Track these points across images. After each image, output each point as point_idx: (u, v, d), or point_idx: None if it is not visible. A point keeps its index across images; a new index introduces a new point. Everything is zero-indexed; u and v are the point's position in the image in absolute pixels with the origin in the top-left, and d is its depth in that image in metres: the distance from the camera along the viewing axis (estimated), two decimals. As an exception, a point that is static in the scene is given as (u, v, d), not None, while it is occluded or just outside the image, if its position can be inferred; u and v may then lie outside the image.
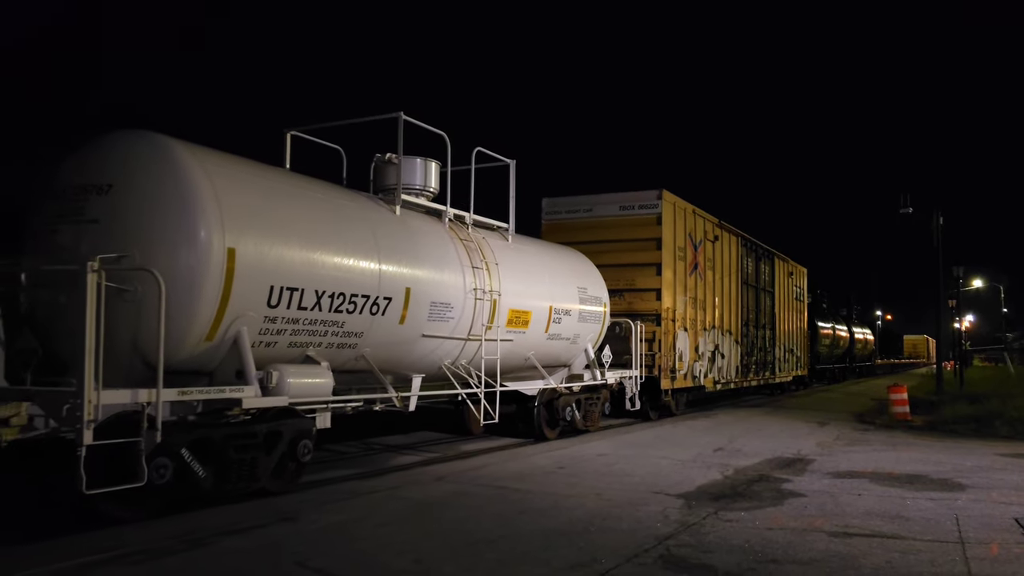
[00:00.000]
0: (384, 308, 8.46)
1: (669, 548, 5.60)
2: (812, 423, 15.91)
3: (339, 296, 7.84)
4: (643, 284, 15.88)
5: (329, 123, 9.97)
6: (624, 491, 7.71)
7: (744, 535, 6.02)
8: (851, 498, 7.61)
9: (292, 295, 7.31)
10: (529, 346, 11.43)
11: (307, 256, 7.51)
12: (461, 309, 9.67)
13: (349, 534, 5.85)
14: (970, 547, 5.80)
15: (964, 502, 7.51)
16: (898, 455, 10.92)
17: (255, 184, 7.41)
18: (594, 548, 5.55)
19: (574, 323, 12.43)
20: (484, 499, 7.20)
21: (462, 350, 9.95)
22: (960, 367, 33.48)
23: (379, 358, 8.65)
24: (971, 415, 16.19)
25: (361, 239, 8.30)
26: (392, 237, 8.79)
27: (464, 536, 5.85)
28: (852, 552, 5.59)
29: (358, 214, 8.59)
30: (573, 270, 12.90)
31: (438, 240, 9.65)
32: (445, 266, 9.50)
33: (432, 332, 9.28)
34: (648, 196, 16.18)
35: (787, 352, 26.16)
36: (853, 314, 47.23)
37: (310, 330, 7.64)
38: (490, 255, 10.47)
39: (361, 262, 8.17)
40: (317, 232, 7.76)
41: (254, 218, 7.04)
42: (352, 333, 8.16)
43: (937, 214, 24.76)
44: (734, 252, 20.51)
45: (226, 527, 5.92)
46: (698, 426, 14.61)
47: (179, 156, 6.71)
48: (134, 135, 6.79)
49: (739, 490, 7.97)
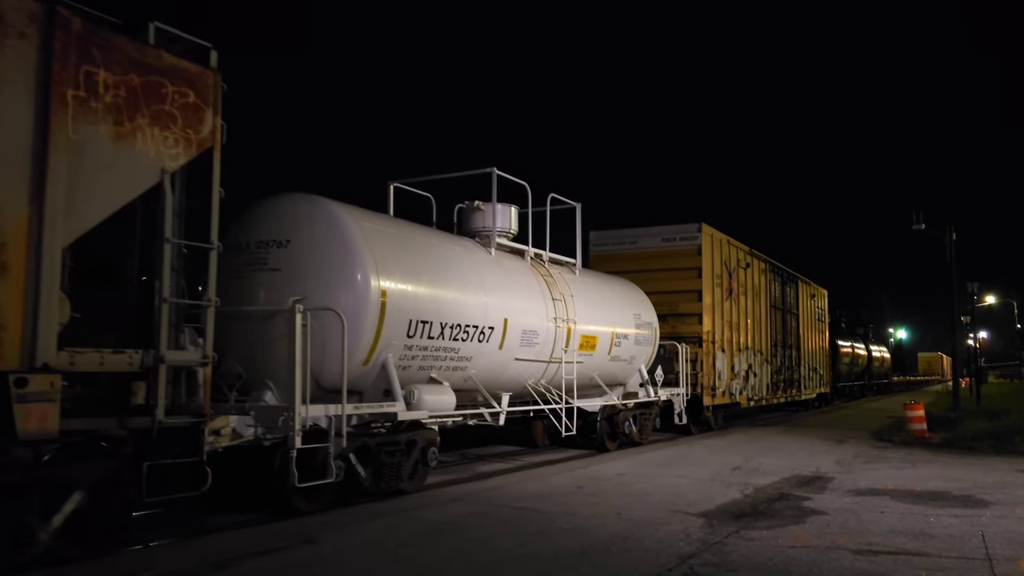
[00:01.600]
0: (488, 336, 9.96)
1: (692, 567, 5.52)
2: (829, 440, 15.77)
3: (456, 327, 9.35)
4: (685, 309, 17.32)
5: (428, 177, 11.54)
6: (644, 510, 7.64)
7: (767, 553, 5.95)
8: (874, 515, 7.52)
9: (424, 327, 8.82)
10: (595, 367, 12.89)
11: (434, 294, 9.03)
12: (544, 335, 11.16)
13: (370, 555, 5.87)
14: (997, 564, 5.72)
15: (989, 519, 7.41)
16: (918, 472, 10.86)
17: (392, 235, 8.97)
18: (616, 568, 5.50)
19: (631, 346, 13.90)
20: (503, 520, 7.16)
21: (544, 371, 11.43)
22: (977, 383, 33.67)
23: (482, 379, 10.13)
24: (989, 431, 15.92)
25: (470, 279, 9.82)
26: (492, 276, 10.32)
27: (485, 556, 5.81)
28: (878, 570, 5.52)
29: (466, 256, 10.13)
30: (628, 298, 14.39)
31: (525, 276, 11.17)
32: (531, 298, 11.01)
33: (523, 356, 10.77)
34: (689, 229, 17.68)
35: (811, 370, 27.49)
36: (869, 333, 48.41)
37: (434, 355, 9.15)
38: (564, 288, 11.98)
39: (471, 298, 9.68)
40: (439, 273, 9.29)
41: (396, 264, 8.57)
42: (464, 357, 9.66)
43: (950, 230, 24.43)
44: (763, 277, 21.95)
45: (248, 550, 5.91)
46: (714, 445, 14.59)
47: (340, 215, 8.26)
48: (303, 198, 8.35)
49: (760, 508, 7.89)
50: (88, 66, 5.33)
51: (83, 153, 5.27)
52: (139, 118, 5.63)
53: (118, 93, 5.50)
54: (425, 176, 11.72)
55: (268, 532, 6.54)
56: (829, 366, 31.20)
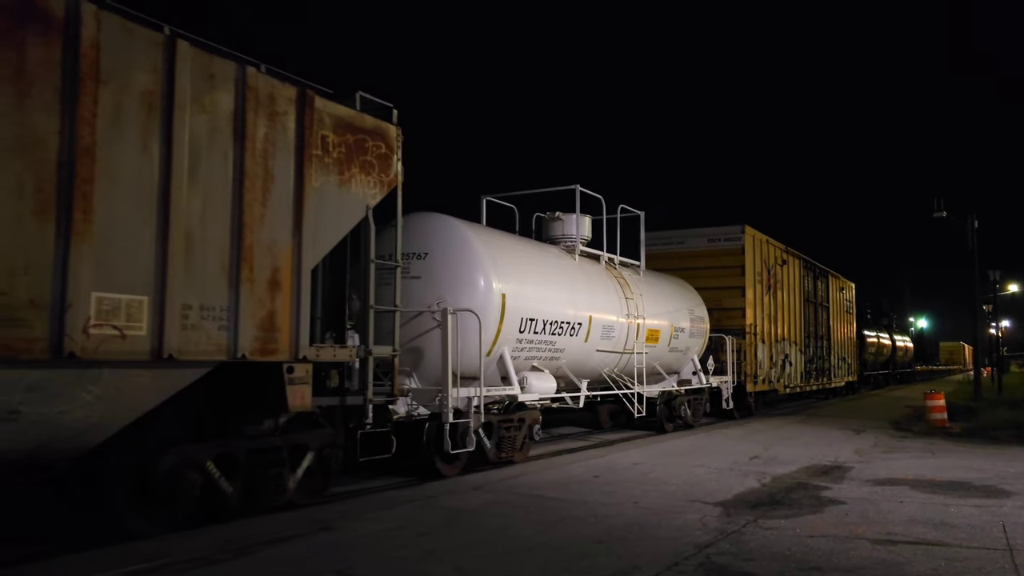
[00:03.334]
0: (577, 331, 11.67)
1: (709, 556, 5.53)
2: (848, 430, 15.68)
3: (554, 323, 11.06)
4: (729, 304, 18.94)
5: (516, 192, 13.23)
6: (661, 499, 7.69)
7: (785, 543, 5.93)
8: (893, 505, 7.51)
9: (531, 323, 10.54)
10: (657, 357, 14.58)
11: (538, 295, 10.75)
12: (619, 330, 12.85)
13: (389, 543, 5.89)
14: (1019, 554, 5.69)
15: (1010, 509, 7.38)
16: (938, 462, 10.85)
17: (505, 246, 10.69)
18: (634, 556, 5.52)
19: (686, 338, 15.58)
20: (522, 508, 7.22)
21: (618, 361, 13.13)
22: (998, 373, 33.42)
23: (571, 367, 11.85)
24: (1011, 421, 15.81)
25: (563, 281, 11.53)
26: (578, 279, 12.02)
27: (504, 545, 5.84)
28: (897, 559, 5.50)
29: (557, 262, 11.84)
30: (683, 295, 16.05)
31: (602, 279, 12.86)
32: (609, 298, 12.70)
33: (602, 348, 12.48)
34: (732, 230, 19.29)
35: (840, 360, 29.02)
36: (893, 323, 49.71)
37: (537, 347, 10.87)
38: (633, 287, 13.65)
39: (565, 298, 11.39)
40: (540, 278, 11.01)
41: (510, 271, 10.29)
42: (559, 349, 11.38)
43: (972, 218, 24.39)
44: (797, 273, 23.50)
45: (267, 536, 5.97)
46: (733, 434, 14.55)
47: (468, 232, 9.99)
48: (438, 217, 10.07)
49: (777, 498, 7.88)
50: (323, 131, 7.06)
51: (321, 197, 7.01)
52: (353, 168, 7.37)
53: (340, 150, 7.23)
54: (511, 191, 13.41)
55: (287, 519, 6.62)
56: (856, 355, 32.69)
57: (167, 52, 5.77)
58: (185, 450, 6.30)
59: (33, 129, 4.97)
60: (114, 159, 5.40)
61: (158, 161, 5.70)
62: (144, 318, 5.54)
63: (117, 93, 5.45)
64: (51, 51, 5.09)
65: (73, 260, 5.11)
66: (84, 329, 5.16)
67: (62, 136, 5.10)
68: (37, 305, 4.94)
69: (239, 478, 6.69)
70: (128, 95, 5.53)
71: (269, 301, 6.46)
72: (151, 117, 5.67)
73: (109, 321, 5.32)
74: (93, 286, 5.23)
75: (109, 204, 5.35)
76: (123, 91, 5.49)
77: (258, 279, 6.38)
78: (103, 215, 5.31)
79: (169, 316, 5.68)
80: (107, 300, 5.32)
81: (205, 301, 5.97)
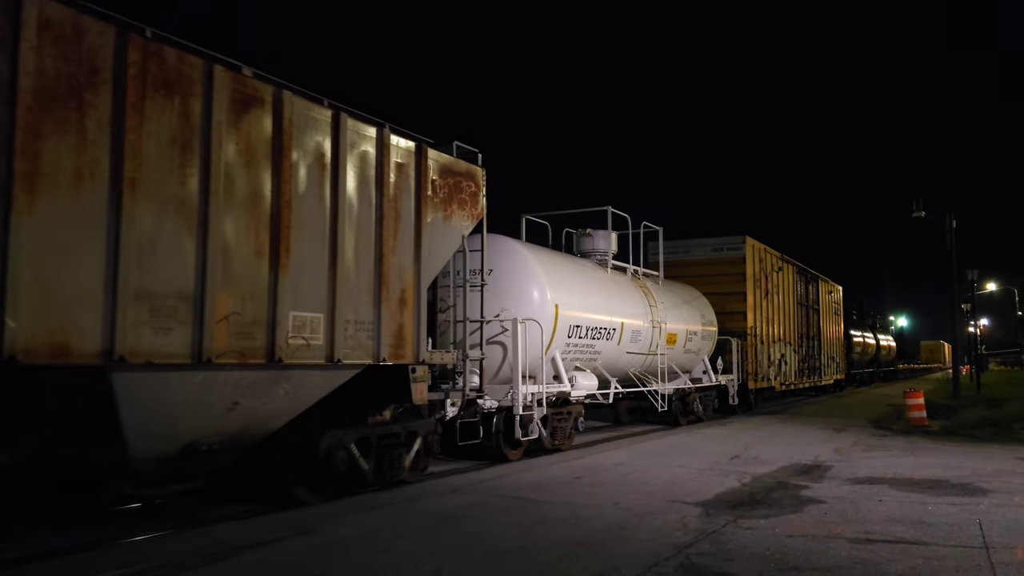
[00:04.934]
0: (612, 335, 13.35)
1: (689, 557, 5.56)
2: (829, 429, 15.85)
3: (594, 329, 12.74)
4: (732, 308, 20.69)
5: (552, 212, 14.89)
6: (642, 500, 7.70)
7: (764, 543, 5.99)
8: (871, 504, 7.54)
9: (577, 329, 12.21)
10: (674, 358, 16.29)
11: (582, 304, 12.42)
12: (645, 334, 14.55)
13: (367, 546, 5.87)
14: (995, 552, 5.72)
15: (987, 507, 7.44)
16: (917, 460, 10.89)
17: (554, 262, 12.36)
18: (614, 558, 5.53)
19: (699, 340, 17.32)
20: (502, 510, 7.20)
21: (643, 362, 14.83)
22: (977, 371, 34.51)
23: (606, 367, 13.53)
24: (989, 419, 15.96)
25: (600, 292, 13.22)
26: (611, 289, 13.71)
27: (483, 547, 5.84)
28: (875, 559, 5.54)
29: (594, 275, 13.53)
30: (695, 302, 17.80)
31: (631, 289, 14.56)
32: (636, 306, 14.40)
33: (632, 350, 14.17)
34: (734, 241, 21.07)
35: (829, 359, 30.93)
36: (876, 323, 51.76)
37: (581, 350, 12.54)
38: (655, 296, 15.36)
39: (601, 306, 13.07)
40: (582, 289, 12.68)
41: (560, 284, 11.95)
42: (597, 352, 13.06)
43: (950, 217, 24.61)
44: (791, 279, 25.33)
45: (245, 541, 5.94)
46: (713, 434, 14.68)
47: (526, 251, 11.64)
48: (500, 239, 11.69)
49: (757, 498, 7.90)
50: (432, 176, 8.70)
51: (432, 230, 8.64)
52: (453, 204, 9.01)
53: (444, 191, 8.87)
54: (547, 211, 15.07)
55: (265, 523, 6.68)
56: (844, 355, 34.64)
57: (334, 123, 7.39)
58: (335, 434, 7.90)
59: (258, 189, 6.58)
60: (302, 209, 7.03)
61: (328, 208, 7.33)
62: (321, 331, 7.16)
63: (303, 158, 7.07)
64: (264, 127, 6.71)
65: (279, 288, 6.73)
66: (285, 340, 6.78)
67: (272, 193, 6.72)
68: (259, 323, 6.56)
69: (371, 457, 8.31)
70: (309, 159, 7.15)
71: (399, 315, 8.10)
72: (324, 175, 7.29)
73: (300, 334, 6.94)
74: (291, 307, 6.85)
75: (299, 244, 6.97)
76: (306, 156, 7.11)
77: (392, 298, 8.01)
78: (296, 253, 6.93)
79: (337, 329, 7.30)
80: (299, 318, 6.94)
81: (358, 317, 7.60)
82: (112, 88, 5.53)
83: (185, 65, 6.10)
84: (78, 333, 5.26)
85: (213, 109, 6.21)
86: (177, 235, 5.94)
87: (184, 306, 5.96)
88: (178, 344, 5.92)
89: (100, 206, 5.43)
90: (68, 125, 5.26)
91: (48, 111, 5.15)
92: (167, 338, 5.83)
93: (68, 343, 5.20)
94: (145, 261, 5.70)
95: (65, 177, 5.23)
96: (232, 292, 6.34)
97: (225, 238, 6.30)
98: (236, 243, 6.40)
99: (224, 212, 6.29)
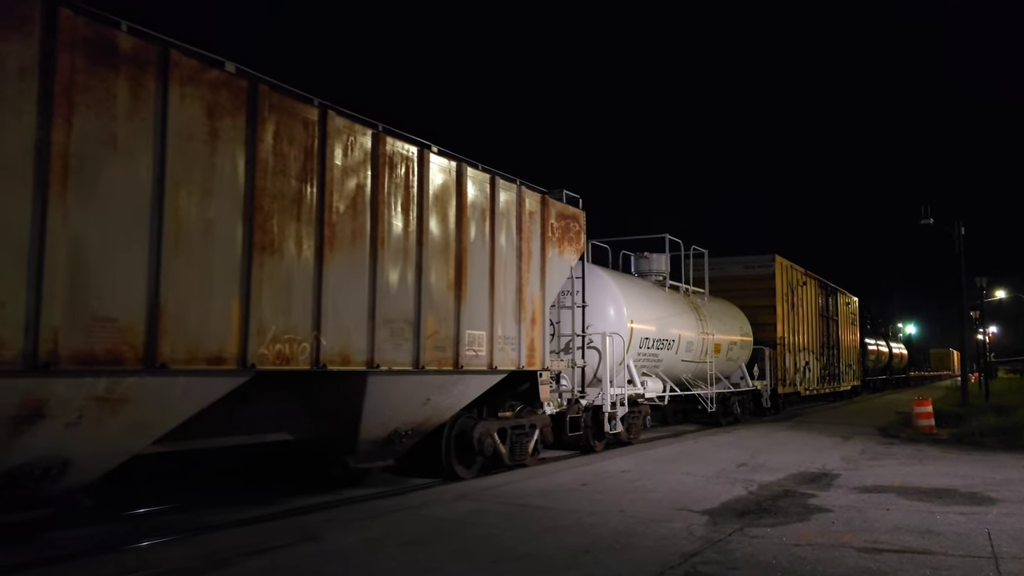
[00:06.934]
0: (671, 346, 15.53)
1: (695, 565, 5.52)
2: (836, 436, 15.83)
3: (659, 341, 14.92)
4: (762, 320, 22.82)
5: (616, 238, 17.08)
6: (648, 507, 7.69)
7: (771, 551, 5.93)
8: (879, 513, 7.51)
9: (646, 341, 14.39)
10: (718, 365, 18.46)
11: (650, 318, 14.60)
12: (697, 344, 16.72)
13: (374, 553, 5.88)
14: (1003, 562, 5.66)
15: (995, 516, 7.38)
16: (925, 469, 10.86)
17: (627, 285, 14.56)
18: (619, 566, 5.53)
19: (738, 349, 19.48)
20: (507, 517, 7.20)
21: (695, 369, 17.00)
22: (985, 379, 34.31)
23: (665, 373, 15.70)
24: (998, 427, 15.92)
25: (662, 308, 15.40)
26: (669, 306, 15.89)
27: (489, 554, 5.84)
28: (882, 568, 5.49)
29: (656, 294, 15.72)
30: (735, 315, 19.98)
31: (684, 305, 16.74)
32: (689, 320, 16.57)
33: (686, 358, 16.34)
34: (765, 259, 23.24)
35: (847, 366, 33.03)
36: (888, 331, 53.75)
37: (647, 359, 14.72)
38: (704, 311, 17.53)
39: (664, 320, 15.26)
40: (650, 305, 14.87)
41: (633, 304, 14.14)
42: (660, 360, 15.24)
43: (959, 224, 24.65)
44: (813, 292, 27.47)
45: (251, 547, 5.94)
46: (720, 441, 14.83)
47: (607, 277, 13.85)
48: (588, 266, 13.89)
49: (764, 506, 7.87)
50: (551, 220, 10.89)
51: (551, 263, 10.83)
52: (564, 242, 11.21)
53: (559, 231, 11.06)
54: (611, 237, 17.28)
55: (272, 529, 6.74)
56: (860, 362, 36.71)
57: (491, 184, 9.61)
58: (483, 425, 10.08)
59: (448, 239, 8.80)
60: (473, 252, 9.25)
61: (488, 250, 9.53)
62: (484, 344, 9.36)
63: (473, 214, 9.28)
64: (451, 193, 8.94)
65: (461, 312, 8.94)
66: (464, 352, 8.98)
67: (456, 242, 8.94)
68: (449, 339, 8.78)
69: (507, 444, 10.48)
70: (476, 213, 9.36)
71: (531, 331, 10.29)
72: (484, 225, 9.51)
73: (471, 347, 9.14)
74: (467, 327, 9.06)
75: (472, 279, 9.18)
76: (474, 211, 9.32)
77: (527, 318, 10.21)
78: (470, 285, 9.13)
79: (495, 343, 9.50)
80: (471, 335, 9.14)
81: (506, 333, 9.80)
82: (370, 172, 7.77)
83: (412, 155, 8.35)
84: (356, 349, 7.47)
85: (426, 186, 8.46)
86: (405, 276, 8.16)
87: (409, 328, 8.17)
88: (405, 356, 8.13)
89: (364, 258, 7.66)
90: (355, 210, 7.53)
91: (348, 204, 7.39)
92: (399, 352, 8.04)
93: (349, 355, 7.42)
94: (389, 296, 7.91)
95: (347, 238, 7.46)
96: (434, 316, 8.54)
97: (431, 277, 8.52)
98: (436, 280, 8.62)
99: (431, 258, 8.51)
